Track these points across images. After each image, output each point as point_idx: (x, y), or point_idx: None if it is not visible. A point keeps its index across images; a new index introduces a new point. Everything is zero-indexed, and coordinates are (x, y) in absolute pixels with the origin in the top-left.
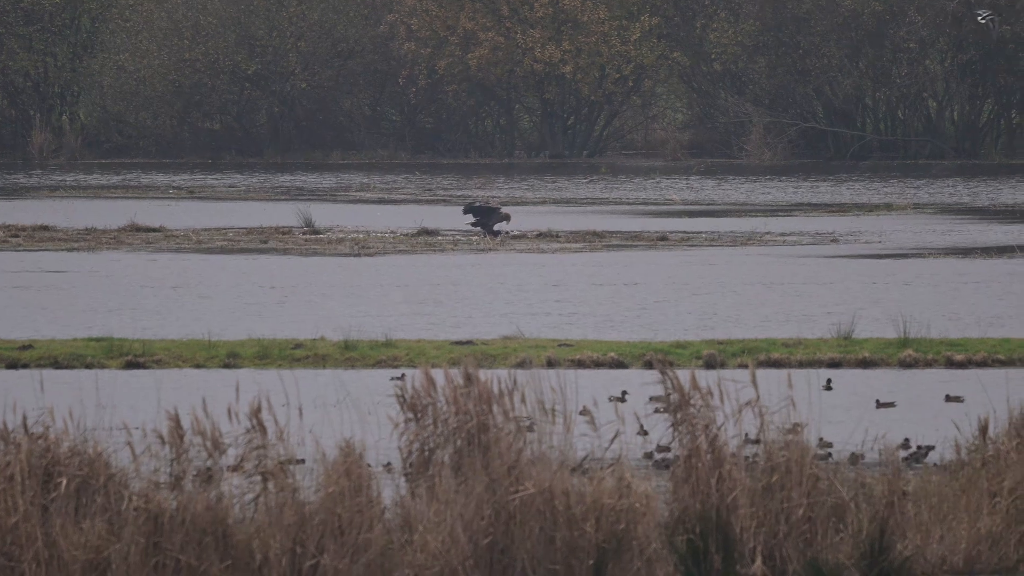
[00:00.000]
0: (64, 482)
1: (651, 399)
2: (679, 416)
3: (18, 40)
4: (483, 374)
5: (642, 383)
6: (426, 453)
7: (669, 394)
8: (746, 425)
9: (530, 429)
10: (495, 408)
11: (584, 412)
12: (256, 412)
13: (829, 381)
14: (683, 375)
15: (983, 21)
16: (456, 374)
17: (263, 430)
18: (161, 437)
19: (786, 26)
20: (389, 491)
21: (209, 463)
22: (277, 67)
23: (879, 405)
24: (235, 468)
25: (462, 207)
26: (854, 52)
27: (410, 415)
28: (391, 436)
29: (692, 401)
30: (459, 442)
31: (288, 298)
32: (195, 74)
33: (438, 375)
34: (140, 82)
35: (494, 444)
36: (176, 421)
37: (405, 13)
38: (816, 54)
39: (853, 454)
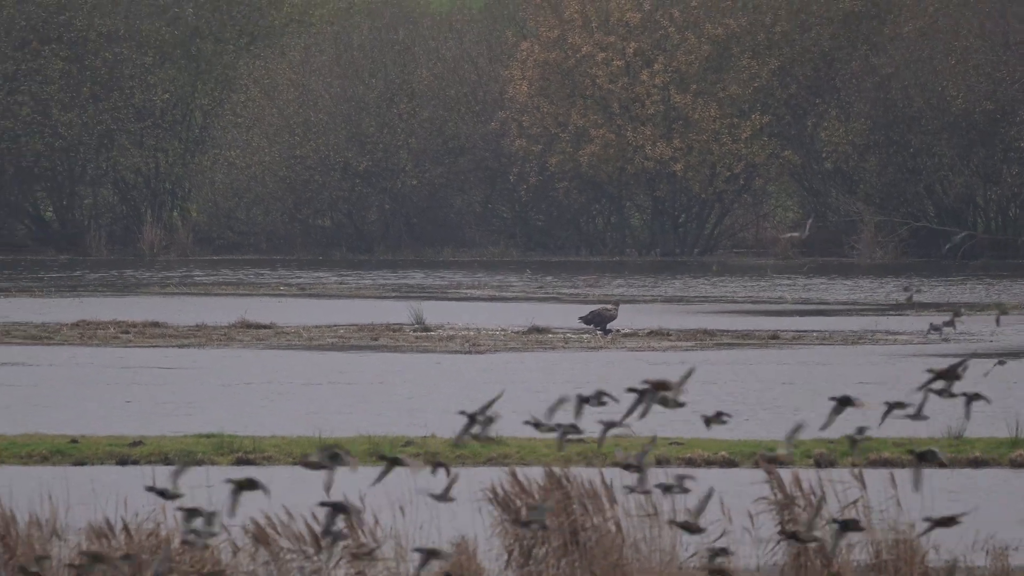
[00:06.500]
0: None
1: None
2: (785, 516)
3: (129, 136)
4: (591, 473)
5: (751, 482)
6: (526, 551)
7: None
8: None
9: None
10: (590, 508)
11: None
12: (341, 509)
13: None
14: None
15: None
16: (551, 475)
17: (354, 529)
18: (255, 538)
19: (897, 125)
20: None
21: (309, 563)
22: (388, 164)
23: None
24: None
25: (579, 318)
26: (965, 151)
27: (505, 516)
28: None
29: (797, 501)
30: (556, 542)
31: (399, 395)
32: (306, 171)
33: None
34: (251, 178)
35: (596, 543)
36: (269, 523)
37: (516, 110)
38: (927, 153)
39: None
